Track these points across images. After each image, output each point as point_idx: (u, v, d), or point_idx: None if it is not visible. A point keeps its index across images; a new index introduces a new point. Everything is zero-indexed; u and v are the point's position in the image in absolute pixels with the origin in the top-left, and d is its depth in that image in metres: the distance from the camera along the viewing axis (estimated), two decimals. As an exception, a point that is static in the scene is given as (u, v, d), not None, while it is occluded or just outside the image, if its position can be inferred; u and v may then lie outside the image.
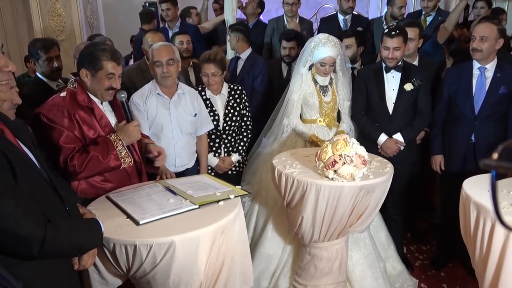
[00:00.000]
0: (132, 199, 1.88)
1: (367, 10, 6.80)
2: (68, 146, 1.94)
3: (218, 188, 2.00)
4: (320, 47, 2.89)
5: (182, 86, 2.75)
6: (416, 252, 3.42)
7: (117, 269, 1.68)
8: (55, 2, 4.70)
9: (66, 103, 2.01)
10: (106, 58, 2.02)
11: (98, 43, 2.36)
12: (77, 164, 1.93)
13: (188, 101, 2.74)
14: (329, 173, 2.10)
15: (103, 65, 2.02)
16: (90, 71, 2.03)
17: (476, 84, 2.86)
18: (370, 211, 2.27)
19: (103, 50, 2.04)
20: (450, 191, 2.84)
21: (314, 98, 3.00)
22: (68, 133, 1.96)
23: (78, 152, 1.96)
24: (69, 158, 1.93)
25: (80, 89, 2.06)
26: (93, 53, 2.03)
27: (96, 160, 1.96)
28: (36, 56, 3.03)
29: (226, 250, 1.75)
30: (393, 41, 2.86)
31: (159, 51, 2.59)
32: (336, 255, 2.41)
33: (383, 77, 2.99)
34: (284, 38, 3.67)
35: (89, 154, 1.96)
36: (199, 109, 2.79)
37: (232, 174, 3.13)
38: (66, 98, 2.04)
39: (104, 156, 1.99)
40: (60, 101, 2.03)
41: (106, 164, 2.00)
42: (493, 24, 2.78)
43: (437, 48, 3.81)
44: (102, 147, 2.00)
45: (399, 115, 2.97)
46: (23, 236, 1.23)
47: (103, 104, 2.15)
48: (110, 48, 2.14)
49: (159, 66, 2.58)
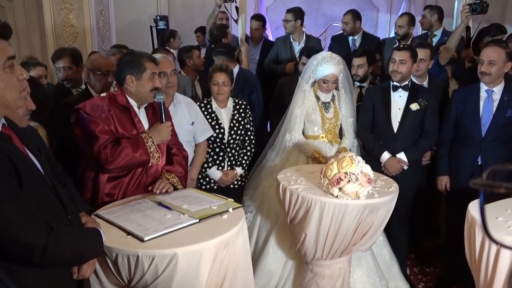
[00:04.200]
0: (126, 216, 1.86)
1: (375, 30, 6.86)
2: (103, 136, 2.09)
3: (212, 202, 2.00)
4: (323, 65, 2.93)
5: (177, 95, 2.82)
6: (420, 274, 3.38)
7: (118, 279, 1.67)
8: (69, 13, 4.79)
9: (105, 102, 2.18)
10: (147, 60, 2.19)
11: (132, 51, 2.56)
12: (109, 152, 2.07)
13: (185, 110, 2.79)
14: (334, 190, 2.10)
15: (146, 67, 2.17)
16: (135, 75, 2.17)
17: (483, 107, 2.87)
18: (374, 230, 2.25)
19: (140, 54, 2.22)
20: (456, 213, 2.80)
21: (317, 114, 3.03)
22: (104, 126, 2.11)
23: (112, 143, 2.10)
24: (103, 146, 2.07)
25: (120, 91, 2.21)
26: (134, 58, 2.19)
27: (127, 151, 2.09)
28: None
29: (229, 264, 1.74)
30: (400, 53, 2.91)
31: (163, 62, 2.64)
32: (338, 273, 2.38)
33: (390, 96, 3.02)
34: (304, 54, 3.69)
35: (121, 145, 2.10)
36: (196, 117, 2.85)
37: (234, 188, 3.12)
38: (105, 98, 2.21)
39: (134, 148, 2.11)
40: (99, 99, 2.21)
41: (136, 157, 2.12)
42: (501, 48, 2.80)
43: (440, 69, 3.84)
44: (133, 141, 2.14)
45: (404, 134, 2.97)
46: (26, 243, 1.23)
47: (140, 109, 2.27)
48: (142, 52, 2.33)
49: (164, 76, 2.64)
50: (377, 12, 7.01)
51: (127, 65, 2.18)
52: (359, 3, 6.57)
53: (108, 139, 2.10)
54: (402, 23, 4.22)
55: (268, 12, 6.44)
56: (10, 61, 1.28)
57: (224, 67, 3.00)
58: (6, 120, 1.39)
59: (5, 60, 1.26)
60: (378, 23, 7.04)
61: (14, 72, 1.30)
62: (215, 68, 3.00)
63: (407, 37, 4.21)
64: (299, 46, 4.44)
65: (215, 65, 3.06)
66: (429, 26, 4.38)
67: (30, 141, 1.49)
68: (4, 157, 1.24)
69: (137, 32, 5.58)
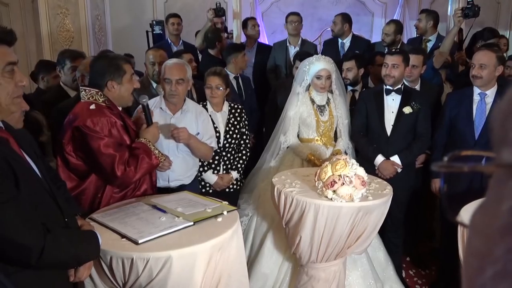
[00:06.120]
0: (120, 219, 1.86)
1: (370, 34, 6.91)
2: (121, 154, 2.04)
3: (207, 205, 2.01)
4: (315, 63, 3.00)
5: (188, 102, 2.73)
6: (415, 276, 3.38)
7: (113, 282, 1.67)
8: (65, 18, 4.81)
9: (105, 114, 2.07)
10: (124, 62, 2.14)
11: (106, 54, 2.45)
12: (133, 167, 2.05)
13: (192, 118, 2.72)
14: (328, 193, 2.11)
15: (125, 69, 2.11)
16: (116, 79, 2.10)
17: (476, 110, 2.89)
18: (368, 232, 2.26)
19: (116, 57, 2.16)
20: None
21: (312, 117, 3.05)
22: (116, 142, 2.06)
23: (130, 157, 2.07)
24: (126, 163, 2.04)
25: (108, 99, 2.12)
26: (112, 62, 2.11)
27: (145, 161, 2.09)
28: (62, 64, 3.19)
29: (223, 267, 1.75)
30: (392, 58, 2.95)
31: (171, 70, 2.58)
32: (333, 276, 2.39)
33: (383, 99, 3.04)
34: (298, 58, 3.71)
35: (139, 157, 2.08)
36: (203, 127, 2.75)
37: (229, 192, 3.12)
38: (101, 109, 2.08)
39: (149, 157, 2.11)
40: (97, 112, 2.06)
41: (152, 164, 2.13)
42: (492, 52, 2.83)
43: (435, 73, 3.87)
44: (143, 149, 2.12)
45: (398, 138, 3.00)
46: (23, 245, 1.24)
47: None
48: (117, 54, 2.27)
49: (169, 83, 2.58)
50: (372, 17, 7.06)
51: (105, 69, 2.09)
52: (354, 7, 6.63)
53: (125, 154, 2.05)
54: (389, 31, 4.25)
55: (263, 17, 6.48)
56: (10, 67, 1.30)
57: (218, 71, 2.99)
58: (3, 123, 1.40)
59: (4, 65, 1.28)
60: (373, 27, 7.08)
61: (14, 78, 1.32)
62: (210, 72, 3.00)
63: (394, 43, 4.23)
64: (294, 50, 4.47)
65: (210, 69, 3.06)
66: (424, 31, 4.41)
67: (26, 144, 1.50)
68: (2, 159, 1.25)
69: (133, 36, 5.59)
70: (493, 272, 0.34)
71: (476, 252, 0.37)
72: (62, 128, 2.13)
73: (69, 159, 2.09)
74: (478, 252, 0.37)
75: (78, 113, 2.07)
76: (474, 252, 0.38)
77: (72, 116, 2.10)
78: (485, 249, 0.36)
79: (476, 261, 0.37)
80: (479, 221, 0.39)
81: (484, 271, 0.35)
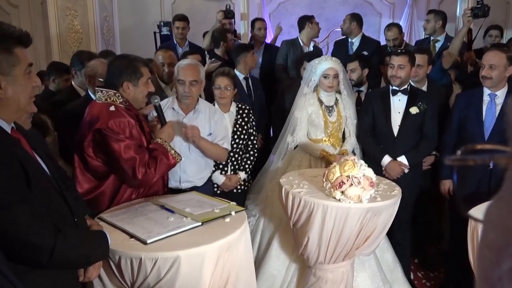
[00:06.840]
0: (129, 219, 1.87)
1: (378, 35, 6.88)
2: (141, 156, 2.06)
3: (215, 205, 2.01)
4: (322, 62, 3.01)
5: (201, 103, 2.70)
6: (424, 278, 3.36)
7: (121, 282, 1.68)
8: (73, 19, 4.84)
9: (126, 117, 2.07)
10: (142, 65, 2.14)
11: (125, 55, 2.42)
12: (153, 169, 2.07)
13: (205, 119, 2.68)
14: (336, 194, 2.10)
15: (143, 72, 2.12)
16: (132, 81, 2.11)
17: (486, 110, 2.86)
18: (377, 234, 2.25)
19: (135, 59, 2.16)
20: (459, 217, 2.80)
21: (320, 118, 3.05)
22: (136, 144, 2.07)
23: (150, 159, 2.09)
24: (147, 165, 2.06)
25: (124, 100, 2.13)
26: (130, 63, 2.12)
27: (163, 162, 2.11)
28: (79, 65, 3.14)
29: (231, 267, 1.75)
30: (398, 58, 2.94)
31: (185, 71, 2.57)
32: (341, 278, 2.38)
33: (389, 100, 3.03)
34: (306, 59, 3.70)
35: (157, 158, 2.10)
36: (216, 128, 2.71)
37: (237, 193, 3.12)
38: (120, 111, 2.07)
39: (167, 157, 2.14)
40: (118, 114, 2.05)
41: (170, 164, 2.16)
42: (502, 52, 2.80)
43: (444, 74, 3.84)
44: (161, 150, 2.14)
45: (404, 138, 2.98)
46: (34, 244, 1.25)
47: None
48: (136, 56, 2.25)
49: (182, 84, 2.56)
50: (380, 18, 7.03)
51: (123, 70, 2.10)
52: (362, 8, 6.60)
53: (145, 156, 2.06)
54: (392, 36, 4.29)
55: (271, 18, 6.48)
56: (29, 68, 1.35)
57: (227, 72, 2.99)
58: (15, 124, 1.42)
59: (26, 66, 1.33)
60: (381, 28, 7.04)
61: (31, 79, 1.36)
62: (218, 73, 3.01)
63: (399, 45, 4.23)
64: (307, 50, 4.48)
65: (218, 69, 3.07)
66: (433, 31, 4.38)
67: (36, 144, 1.51)
68: (15, 159, 1.26)
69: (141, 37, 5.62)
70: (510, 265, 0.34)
71: (492, 245, 0.37)
72: (79, 129, 2.12)
73: (89, 161, 2.09)
74: (494, 245, 0.36)
75: (98, 115, 2.06)
76: (490, 245, 0.37)
77: (91, 118, 2.08)
78: (501, 242, 0.35)
79: (492, 254, 0.36)
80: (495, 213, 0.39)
81: (501, 264, 0.34)
